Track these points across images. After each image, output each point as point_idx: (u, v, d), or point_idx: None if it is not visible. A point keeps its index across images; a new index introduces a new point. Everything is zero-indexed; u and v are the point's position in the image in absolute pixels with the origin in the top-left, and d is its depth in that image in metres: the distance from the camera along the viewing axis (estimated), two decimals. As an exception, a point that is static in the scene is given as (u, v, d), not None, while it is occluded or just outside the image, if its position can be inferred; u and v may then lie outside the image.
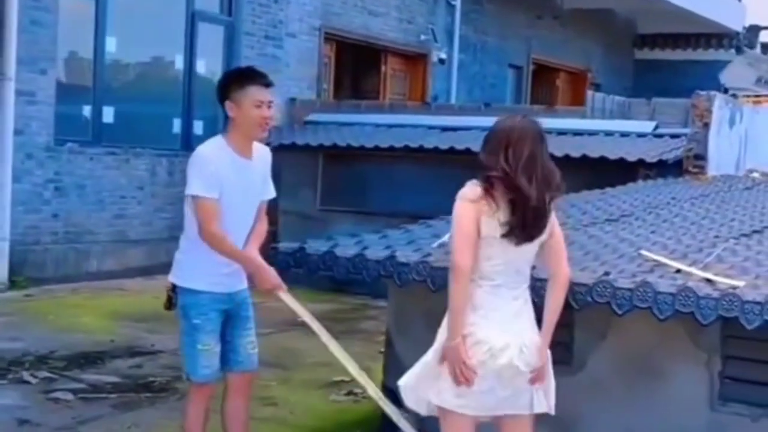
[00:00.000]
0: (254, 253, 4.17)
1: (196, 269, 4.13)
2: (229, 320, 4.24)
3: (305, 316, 4.25)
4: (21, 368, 6.32)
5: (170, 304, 4.24)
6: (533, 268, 3.71)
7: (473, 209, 3.47)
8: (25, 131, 9.50)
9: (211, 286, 4.13)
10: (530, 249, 3.56)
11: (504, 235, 3.46)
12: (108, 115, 10.54)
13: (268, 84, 4.17)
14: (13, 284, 9.22)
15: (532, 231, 3.50)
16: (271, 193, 4.37)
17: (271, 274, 4.13)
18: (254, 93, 4.09)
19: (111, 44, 10.56)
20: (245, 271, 4.17)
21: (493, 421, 3.69)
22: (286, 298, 4.20)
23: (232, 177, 4.08)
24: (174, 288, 4.22)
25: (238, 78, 4.19)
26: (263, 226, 4.31)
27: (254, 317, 4.38)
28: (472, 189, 3.49)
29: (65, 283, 9.57)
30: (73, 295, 9.17)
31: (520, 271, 3.59)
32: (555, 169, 3.54)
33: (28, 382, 6.05)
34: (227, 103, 4.13)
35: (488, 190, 3.45)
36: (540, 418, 3.83)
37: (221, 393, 4.35)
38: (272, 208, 4.54)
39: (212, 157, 4.08)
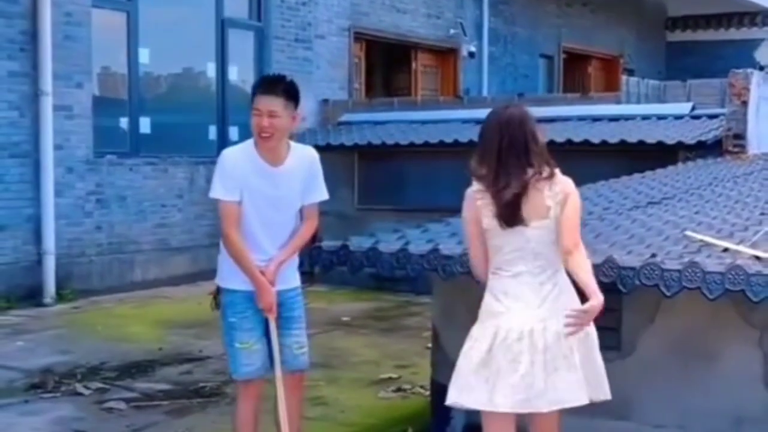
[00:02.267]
0: (273, 264, 4.09)
1: (232, 268, 4.13)
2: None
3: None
4: (74, 380, 6.40)
5: (216, 304, 4.28)
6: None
7: (471, 206, 3.62)
8: (65, 145, 9.62)
9: (247, 284, 4.11)
10: (538, 231, 3.54)
11: (500, 222, 3.54)
12: (145, 125, 10.66)
13: (270, 92, 4.06)
14: (60, 297, 9.35)
15: (512, 216, 3.52)
16: (320, 194, 4.30)
17: (267, 297, 4.07)
18: (255, 101, 4.06)
19: (144, 55, 10.67)
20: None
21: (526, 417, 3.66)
22: (272, 326, 4.17)
23: (255, 182, 4.06)
24: (218, 289, 4.25)
25: (253, 86, 4.22)
26: (308, 229, 4.27)
27: (305, 318, 4.36)
28: (471, 187, 3.63)
29: (111, 293, 9.69)
30: (119, 305, 9.28)
31: (539, 255, 3.56)
32: (531, 151, 3.54)
33: (81, 394, 6.12)
34: None
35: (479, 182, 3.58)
36: (591, 402, 3.81)
37: (272, 393, 4.35)
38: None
39: (234, 160, 4.09)
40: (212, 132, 11.54)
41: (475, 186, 3.62)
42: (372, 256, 4.56)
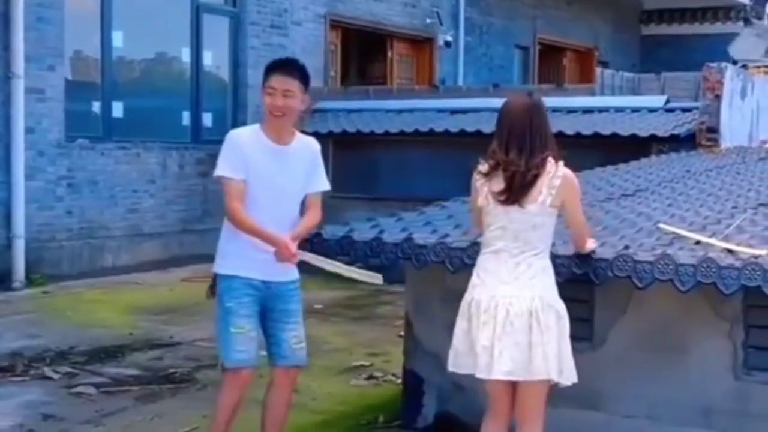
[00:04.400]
0: (289, 236, 4.11)
1: (231, 254, 4.12)
2: (270, 312, 4.18)
3: (328, 265, 4.22)
4: (42, 364, 6.35)
5: (212, 292, 4.23)
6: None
7: (475, 185, 3.81)
8: (36, 129, 9.52)
9: (245, 270, 4.09)
10: (526, 216, 3.68)
11: (496, 202, 3.71)
12: (117, 110, 10.56)
13: (289, 73, 4.11)
14: (30, 282, 9.26)
15: (517, 196, 3.67)
16: (324, 184, 4.30)
17: (285, 246, 4.04)
18: (270, 80, 4.11)
19: (117, 39, 10.57)
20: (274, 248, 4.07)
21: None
22: (308, 257, 4.16)
23: (262, 161, 4.07)
24: (215, 277, 4.21)
25: (270, 65, 4.21)
26: (314, 216, 4.26)
27: (301, 311, 4.29)
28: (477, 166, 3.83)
29: (81, 278, 9.60)
30: (89, 290, 9.20)
31: (519, 237, 3.69)
32: (547, 141, 3.75)
33: (50, 378, 6.08)
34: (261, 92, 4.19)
35: (486, 164, 3.77)
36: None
37: (261, 384, 4.30)
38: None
39: (241, 139, 4.11)
40: (185, 117, 11.45)
41: (479, 168, 3.77)
42: (346, 245, 4.57)
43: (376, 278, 4.21)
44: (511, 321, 3.63)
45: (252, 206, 4.07)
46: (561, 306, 3.71)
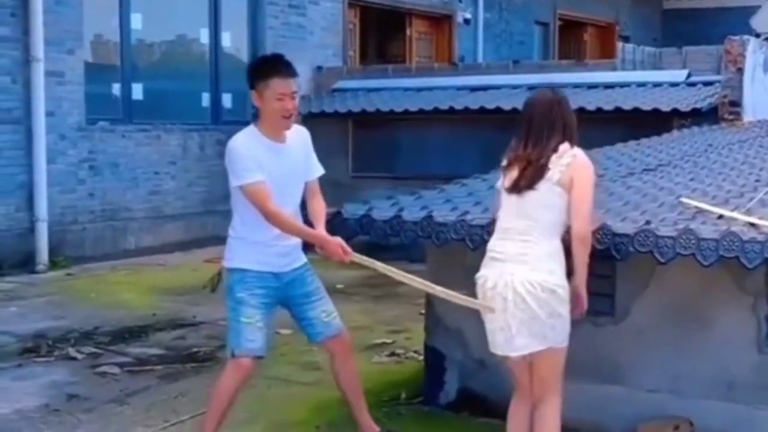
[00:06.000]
0: (321, 230, 4.18)
1: (244, 251, 4.17)
2: (291, 300, 4.28)
3: (383, 268, 4.16)
4: (67, 345, 6.41)
5: (213, 287, 4.31)
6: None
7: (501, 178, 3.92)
8: (57, 112, 9.56)
9: (258, 265, 4.16)
10: (536, 194, 3.72)
11: (506, 188, 3.83)
12: (137, 92, 10.59)
13: (291, 74, 4.14)
14: (53, 264, 9.33)
15: (526, 185, 3.74)
16: (318, 170, 4.38)
17: (335, 246, 4.08)
18: (276, 85, 4.08)
19: (136, 21, 10.58)
20: (316, 245, 4.13)
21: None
22: (359, 259, 4.12)
23: (267, 162, 4.09)
24: (220, 272, 4.26)
25: (262, 68, 4.18)
26: (321, 205, 4.32)
27: (322, 287, 4.39)
28: None
29: (104, 260, 9.68)
30: (112, 272, 9.27)
31: (528, 215, 3.73)
32: (568, 133, 3.80)
33: (74, 358, 6.14)
34: (252, 93, 4.16)
35: (506, 160, 3.90)
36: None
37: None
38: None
39: (246, 144, 4.12)
40: (205, 99, 11.47)
41: (501, 164, 3.90)
42: (366, 224, 4.57)
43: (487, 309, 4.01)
44: (510, 298, 3.67)
45: None
46: (562, 292, 3.68)
